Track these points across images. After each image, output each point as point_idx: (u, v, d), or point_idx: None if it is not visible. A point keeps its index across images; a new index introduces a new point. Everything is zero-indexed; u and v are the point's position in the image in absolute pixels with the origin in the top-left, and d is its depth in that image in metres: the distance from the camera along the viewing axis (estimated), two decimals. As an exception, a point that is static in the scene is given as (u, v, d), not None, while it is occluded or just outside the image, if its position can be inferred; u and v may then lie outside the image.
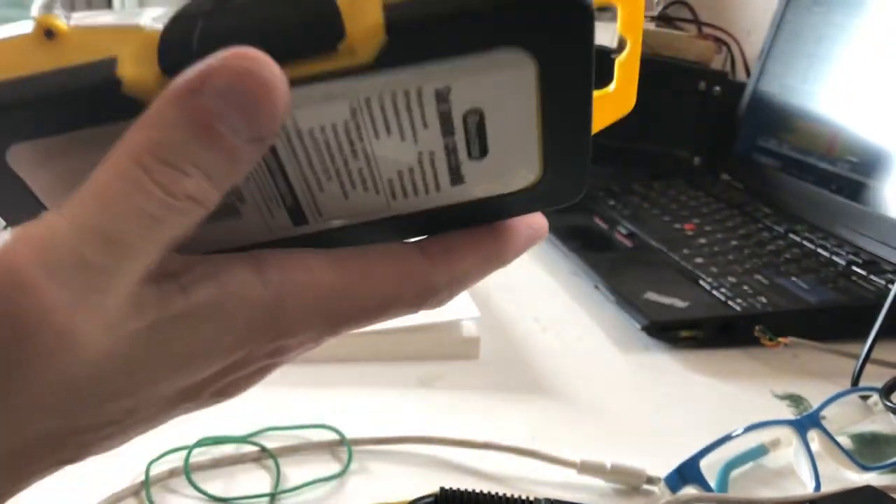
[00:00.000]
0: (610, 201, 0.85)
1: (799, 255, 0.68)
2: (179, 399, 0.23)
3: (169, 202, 0.18)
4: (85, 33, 0.20)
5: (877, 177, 0.73)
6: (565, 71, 0.20)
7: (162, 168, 0.18)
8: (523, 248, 0.25)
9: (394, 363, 0.51)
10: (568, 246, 0.71)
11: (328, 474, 0.40)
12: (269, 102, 0.17)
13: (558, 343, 0.57)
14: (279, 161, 0.21)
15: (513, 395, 0.49)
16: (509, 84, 0.20)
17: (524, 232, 0.25)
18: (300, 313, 0.22)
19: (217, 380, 0.23)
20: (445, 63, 0.19)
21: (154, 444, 0.41)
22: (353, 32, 0.18)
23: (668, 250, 0.70)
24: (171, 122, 0.17)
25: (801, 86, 0.87)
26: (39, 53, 0.19)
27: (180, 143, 0.17)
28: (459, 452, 0.42)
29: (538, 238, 0.26)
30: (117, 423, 0.22)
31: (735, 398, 0.51)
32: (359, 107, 0.20)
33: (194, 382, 0.22)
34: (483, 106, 0.21)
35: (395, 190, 0.23)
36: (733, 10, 1.24)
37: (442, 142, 0.21)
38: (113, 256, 0.18)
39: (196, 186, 0.18)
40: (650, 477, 0.40)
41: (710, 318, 0.57)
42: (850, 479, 0.43)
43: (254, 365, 0.24)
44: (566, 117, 0.21)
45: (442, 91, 0.20)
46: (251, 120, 0.17)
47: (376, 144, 0.21)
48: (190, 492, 0.38)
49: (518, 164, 0.23)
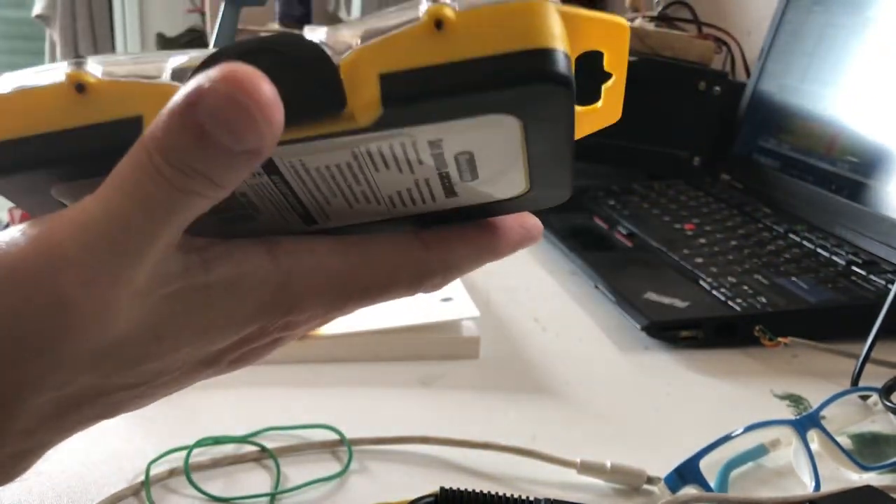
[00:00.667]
0: (610, 201, 0.85)
1: (799, 255, 0.69)
2: (202, 365, 0.26)
3: (175, 194, 0.20)
4: (113, 87, 0.22)
5: (876, 177, 0.73)
6: (547, 126, 0.22)
7: (167, 167, 0.20)
8: (516, 245, 0.28)
9: (394, 363, 0.51)
10: (568, 246, 0.71)
11: (328, 474, 0.40)
12: (253, 126, 0.19)
13: (558, 343, 0.57)
14: (289, 186, 0.23)
15: (513, 395, 0.49)
16: (497, 136, 0.22)
17: (517, 230, 0.28)
18: (308, 293, 0.25)
19: (234, 349, 0.27)
20: (437, 125, 0.21)
21: (154, 444, 0.41)
22: (353, 102, 0.20)
23: (668, 250, 0.70)
24: (174, 129, 0.19)
25: (801, 86, 0.87)
26: (73, 108, 0.22)
27: (181, 148, 0.19)
28: (459, 452, 0.42)
29: (531, 238, 0.29)
30: (146, 383, 0.25)
31: (735, 398, 0.51)
32: (359, 153, 0.22)
33: (214, 350, 0.26)
34: (472, 149, 0.22)
35: (394, 202, 0.25)
36: (733, 11, 1.24)
37: (436, 172, 0.23)
38: (134, 236, 0.21)
39: (199, 184, 0.20)
40: (650, 477, 0.40)
41: (710, 318, 0.57)
42: (850, 478, 0.43)
43: (267, 337, 0.27)
44: (549, 151, 0.23)
45: (434, 141, 0.22)
46: (237, 138, 0.19)
47: (376, 175, 0.23)
48: (190, 492, 0.38)
49: (506, 183, 0.25)
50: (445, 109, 0.20)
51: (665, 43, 0.98)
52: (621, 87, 0.26)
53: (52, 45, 3.20)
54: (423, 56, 0.20)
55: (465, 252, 0.27)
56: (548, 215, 0.81)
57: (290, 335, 0.29)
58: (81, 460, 0.40)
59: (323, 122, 0.21)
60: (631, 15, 1.13)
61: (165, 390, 0.27)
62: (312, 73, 0.20)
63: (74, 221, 0.21)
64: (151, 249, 0.21)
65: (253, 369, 0.49)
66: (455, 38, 0.20)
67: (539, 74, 0.20)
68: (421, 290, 0.27)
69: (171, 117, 0.19)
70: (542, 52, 0.20)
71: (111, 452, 0.41)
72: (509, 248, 0.28)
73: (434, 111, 0.20)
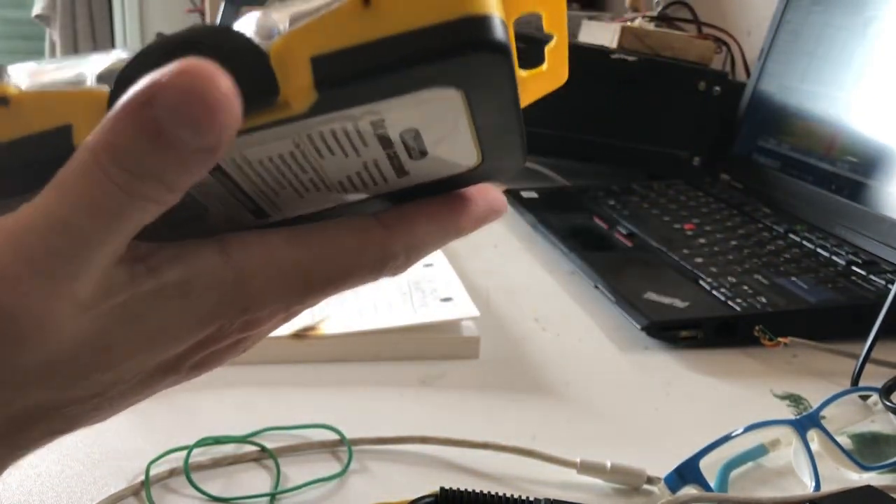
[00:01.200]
0: (610, 201, 0.85)
1: (798, 255, 0.69)
2: (160, 372, 0.25)
3: (125, 200, 0.19)
4: (38, 98, 0.21)
5: (876, 177, 0.73)
6: (490, 94, 0.21)
7: (118, 171, 0.19)
8: (480, 220, 0.27)
9: (394, 363, 0.51)
10: (568, 246, 0.71)
11: (328, 474, 0.40)
12: (214, 119, 0.18)
13: (558, 343, 0.57)
14: (234, 181, 0.23)
15: (513, 395, 0.49)
16: (439, 109, 0.21)
17: (481, 205, 0.27)
18: (265, 288, 0.23)
19: (193, 353, 0.25)
20: (376, 104, 0.20)
21: (154, 444, 0.41)
22: (286, 90, 0.20)
23: (668, 250, 0.70)
24: (126, 130, 0.18)
25: (801, 86, 0.87)
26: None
27: (134, 150, 0.19)
28: (459, 452, 0.42)
29: (495, 211, 0.28)
30: (101, 395, 0.24)
31: (735, 398, 0.51)
32: (301, 140, 0.21)
33: (172, 356, 0.24)
34: (417, 126, 0.22)
35: (345, 187, 0.24)
36: (733, 11, 1.24)
37: (383, 153, 0.23)
38: (78, 246, 0.20)
39: (152, 189, 0.19)
40: (650, 477, 0.40)
41: (710, 317, 0.57)
42: (850, 478, 0.43)
43: (228, 339, 0.26)
44: (496, 119, 0.22)
45: (376, 122, 0.21)
46: (198, 133, 0.18)
47: (322, 161, 0.23)
48: (190, 492, 0.38)
49: (458, 155, 0.24)
50: (382, 88, 0.20)
51: (665, 43, 0.98)
52: (564, 47, 0.25)
53: (51, 46, 3.20)
54: (353, 35, 0.19)
55: (428, 230, 0.25)
56: (548, 215, 0.82)
57: (254, 335, 0.28)
58: (81, 460, 0.40)
59: (259, 113, 0.20)
60: (631, 15, 1.13)
61: (124, 401, 0.26)
62: (241, 64, 0.19)
63: (9, 232, 0.20)
64: (96, 260, 0.20)
65: (253, 369, 0.49)
66: (384, 13, 0.19)
67: (474, 43, 0.19)
68: (385, 273, 0.25)
69: (121, 117, 0.18)
70: (476, 19, 0.19)
71: (111, 452, 0.41)
72: (473, 223, 0.27)
73: (371, 91, 0.20)
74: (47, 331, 0.20)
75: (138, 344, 0.23)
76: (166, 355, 0.24)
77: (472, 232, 0.27)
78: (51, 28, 3.29)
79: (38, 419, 0.23)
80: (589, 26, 1.07)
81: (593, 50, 0.93)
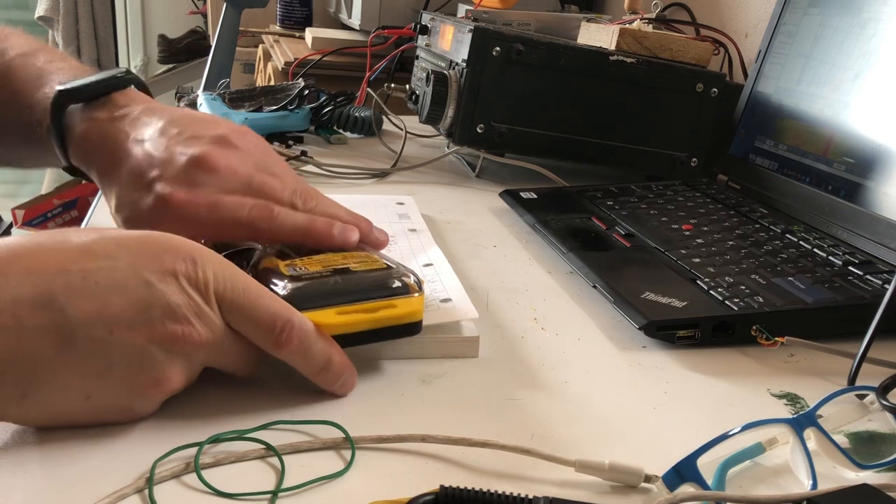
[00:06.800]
0: (608, 202, 0.85)
1: (795, 255, 0.69)
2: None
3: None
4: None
5: (873, 178, 0.74)
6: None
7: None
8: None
9: (394, 363, 0.52)
10: (566, 246, 0.71)
11: (330, 472, 0.40)
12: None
13: (557, 342, 0.57)
14: None
15: (512, 393, 0.49)
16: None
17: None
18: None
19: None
20: None
21: (157, 443, 0.41)
22: None
23: (666, 250, 0.70)
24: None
25: (798, 87, 0.87)
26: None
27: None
28: (459, 451, 0.42)
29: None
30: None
31: (732, 397, 0.51)
32: None
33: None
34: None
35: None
36: (731, 13, 1.25)
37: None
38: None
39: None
40: (648, 475, 0.41)
41: (708, 317, 0.57)
42: (847, 477, 0.43)
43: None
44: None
45: None
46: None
47: None
48: (192, 490, 0.38)
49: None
50: None
51: (663, 45, 0.98)
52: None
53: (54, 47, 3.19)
54: None
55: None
56: (547, 216, 0.82)
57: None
58: (82, 460, 0.40)
59: None
60: (629, 17, 1.14)
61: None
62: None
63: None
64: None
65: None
66: None
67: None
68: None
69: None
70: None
71: (112, 452, 0.41)
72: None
73: None
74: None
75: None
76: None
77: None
78: (53, 30, 3.28)
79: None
80: (587, 28, 1.07)
81: (592, 52, 0.94)
